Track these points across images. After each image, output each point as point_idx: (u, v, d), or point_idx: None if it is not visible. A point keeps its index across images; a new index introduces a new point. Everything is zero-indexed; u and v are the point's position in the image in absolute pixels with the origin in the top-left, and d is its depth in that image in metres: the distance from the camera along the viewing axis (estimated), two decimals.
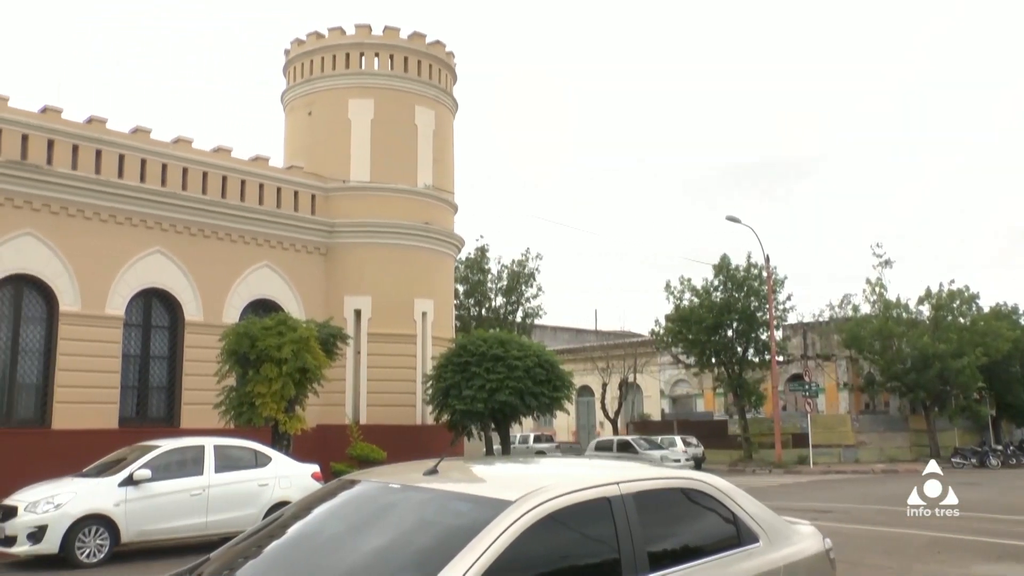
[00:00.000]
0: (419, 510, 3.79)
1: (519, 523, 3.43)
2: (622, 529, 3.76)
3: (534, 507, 3.51)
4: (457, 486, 3.96)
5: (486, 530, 3.36)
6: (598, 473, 4.30)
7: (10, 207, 19.29)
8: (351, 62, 25.84)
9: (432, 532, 3.63)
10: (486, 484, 4.08)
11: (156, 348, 21.61)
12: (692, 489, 4.34)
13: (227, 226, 22.56)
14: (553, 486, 3.72)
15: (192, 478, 13.09)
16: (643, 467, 4.70)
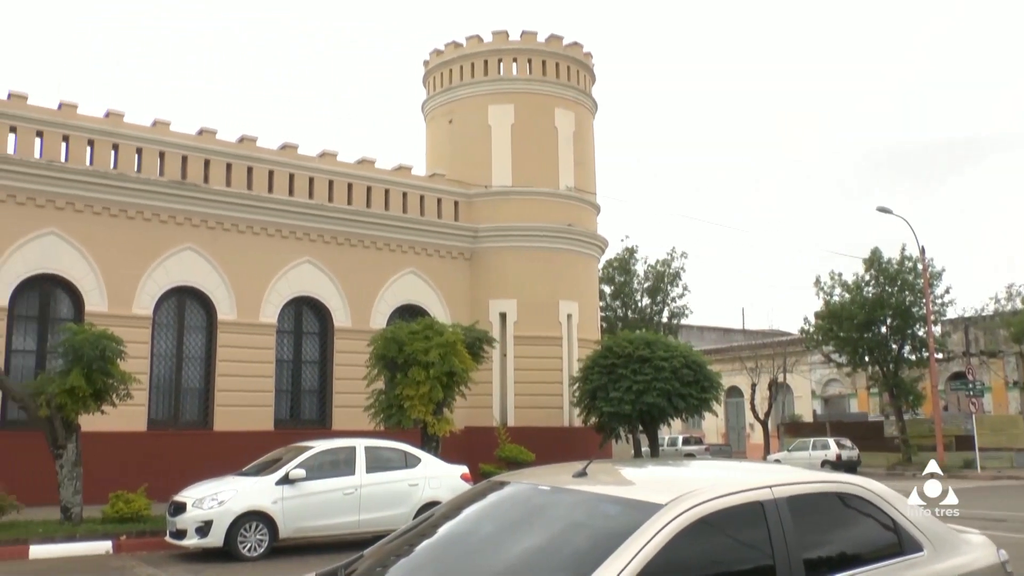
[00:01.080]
0: (569, 512, 3.74)
1: (670, 527, 3.34)
2: (776, 535, 3.61)
3: (685, 510, 3.42)
4: (607, 488, 3.89)
5: (637, 533, 3.29)
6: (750, 476, 4.14)
7: (172, 224, 20.47)
8: (489, 69, 26.11)
9: (582, 535, 3.57)
10: (636, 487, 3.99)
11: (308, 353, 22.41)
12: (849, 494, 4.09)
13: (373, 234, 23.19)
14: (704, 489, 3.60)
15: (345, 478, 13.47)
16: (796, 470, 4.50)
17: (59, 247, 19.17)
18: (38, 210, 19.03)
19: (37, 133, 19.45)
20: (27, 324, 19.13)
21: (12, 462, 16.48)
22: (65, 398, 14.03)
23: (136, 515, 14.24)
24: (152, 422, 19.76)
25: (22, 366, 18.71)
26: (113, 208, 19.80)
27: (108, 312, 19.05)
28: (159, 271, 20.16)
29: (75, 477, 14.32)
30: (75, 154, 19.77)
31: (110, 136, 20.15)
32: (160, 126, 21.01)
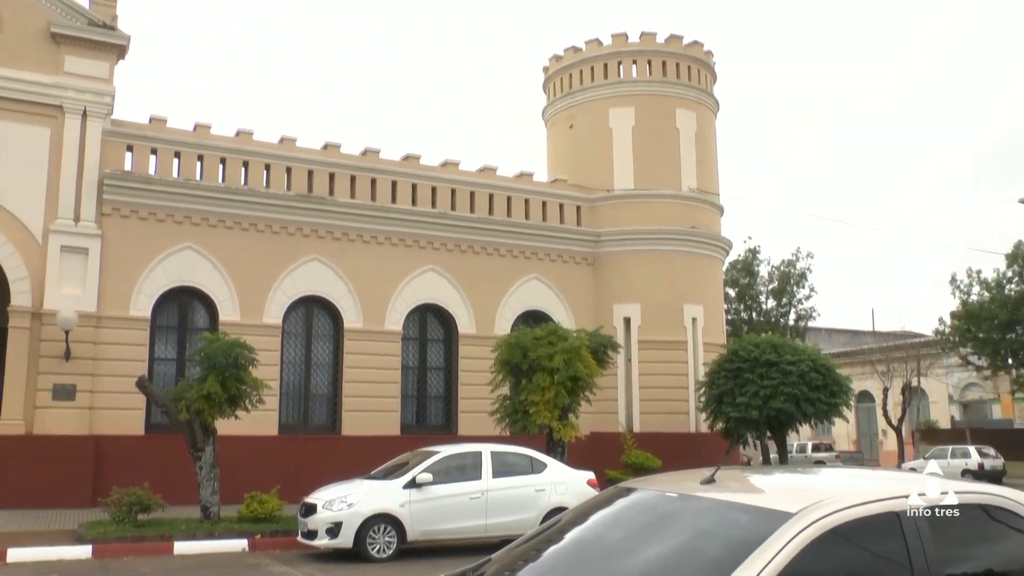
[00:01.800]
0: (697, 520, 3.65)
1: (801, 536, 3.20)
2: (914, 548, 3.39)
3: (816, 520, 3.27)
4: (735, 496, 3.77)
5: (767, 543, 3.17)
6: (885, 485, 3.90)
7: (299, 236, 21.14)
8: (609, 72, 25.98)
9: (711, 543, 3.47)
10: (765, 495, 3.86)
11: (433, 360, 22.74)
12: (996, 506, 3.78)
13: (495, 241, 23.37)
14: (836, 498, 3.42)
15: (471, 482, 13.58)
16: (936, 479, 4.26)
17: (195, 261, 20.05)
18: (176, 226, 19.97)
19: (175, 154, 20.47)
20: (168, 334, 20.07)
21: (156, 463, 17.38)
22: (202, 403, 14.65)
23: (269, 515, 14.76)
24: (283, 427, 20.42)
25: (164, 373, 19.64)
26: (244, 222, 20.60)
27: (240, 321, 19.80)
28: (287, 281, 20.84)
29: (213, 478, 14.95)
30: (209, 172, 20.68)
31: (240, 154, 20.99)
32: (287, 142, 21.76)
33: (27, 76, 19.02)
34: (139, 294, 19.43)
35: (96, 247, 19.05)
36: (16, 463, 17.68)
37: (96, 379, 18.65)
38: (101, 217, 19.35)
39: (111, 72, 19.95)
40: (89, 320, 18.61)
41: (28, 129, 18.95)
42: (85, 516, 15.89)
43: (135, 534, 13.78)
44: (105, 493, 15.27)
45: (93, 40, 19.67)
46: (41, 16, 19.35)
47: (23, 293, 18.43)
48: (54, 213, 18.89)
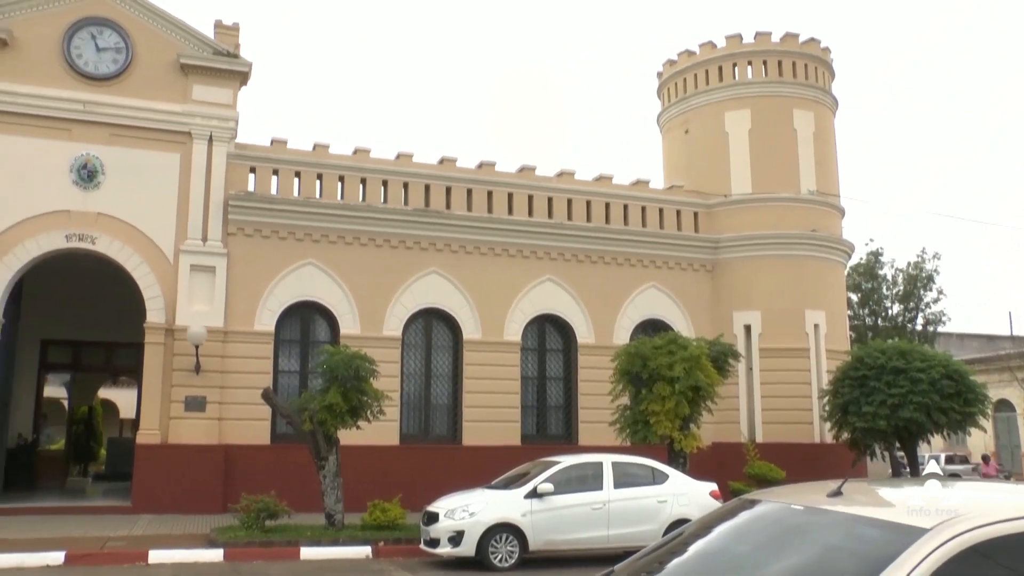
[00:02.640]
0: (824, 534, 3.49)
1: (936, 554, 2.99)
2: None
3: (952, 537, 3.05)
4: (864, 510, 3.58)
5: (899, 560, 2.98)
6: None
7: (417, 249, 21.47)
8: (724, 75, 25.51)
9: (839, 559, 3.30)
10: (896, 509, 3.64)
11: (552, 370, 22.73)
12: None
13: (613, 250, 23.22)
14: (975, 514, 3.17)
15: (592, 493, 13.50)
16: None
17: (316, 276, 20.60)
18: (297, 243, 20.58)
19: (295, 174, 21.12)
20: (291, 347, 20.68)
21: (282, 472, 17.97)
22: (325, 414, 15.02)
23: (392, 523, 15.03)
24: (404, 437, 20.73)
25: (288, 385, 20.25)
26: (363, 238, 21.06)
27: (361, 334, 20.21)
28: (406, 295, 21.18)
29: (336, 486, 15.32)
30: (328, 190, 21.25)
31: (358, 171, 21.49)
32: (403, 158, 22.16)
33: (159, 106, 19.99)
34: (263, 309, 20.09)
35: (223, 265, 19.81)
36: (154, 470, 18.60)
37: (224, 391, 19.37)
38: (227, 236, 20.11)
39: (235, 98, 20.76)
40: (217, 335, 19.34)
41: (160, 155, 19.91)
42: (216, 521, 16.54)
43: (263, 539, 14.30)
44: (234, 500, 15.91)
45: (218, 69, 20.51)
46: (171, 49, 20.30)
47: (157, 310, 19.32)
48: (184, 234, 19.76)
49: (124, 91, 19.88)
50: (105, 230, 19.29)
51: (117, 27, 20.02)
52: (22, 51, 19.44)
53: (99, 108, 19.58)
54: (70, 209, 19.20)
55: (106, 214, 19.36)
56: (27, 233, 18.86)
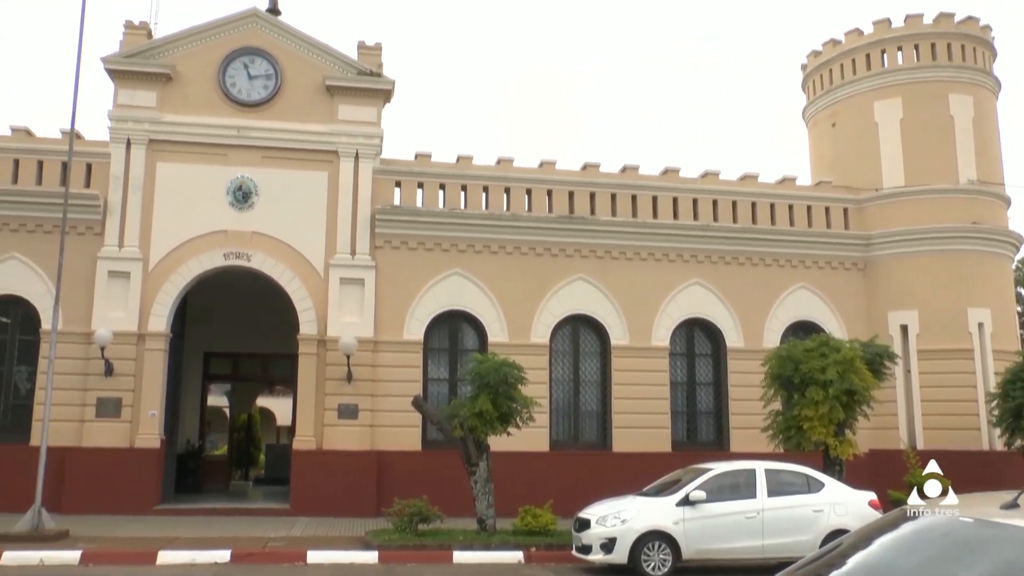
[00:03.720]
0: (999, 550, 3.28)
1: None
2: None
3: None
4: None
5: None
6: None
7: (563, 256, 21.52)
8: (872, 62, 24.40)
9: None
10: None
11: (701, 375, 22.34)
12: None
13: (760, 251, 22.63)
14: None
15: (745, 501, 13.23)
16: None
17: (463, 285, 20.95)
18: (444, 254, 20.99)
19: (440, 186, 21.55)
20: (439, 355, 21.10)
21: (433, 477, 18.39)
22: (475, 421, 15.25)
23: (543, 529, 15.11)
24: (554, 443, 20.78)
25: (437, 392, 20.68)
26: (508, 246, 21.28)
27: (508, 342, 20.46)
28: (552, 301, 21.26)
29: (487, 492, 15.52)
30: (472, 200, 21.58)
31: (502, 181, 21.74)
32: (547, 166, 22.27)
33: (307, 127, 20.87)
34: (412, 319, 20.57)
35: (371, 277, 20.42)
36: (310, 475, 19.38)
37: (376, 399, 19.93)
38: (374, 249, 20.72)
39: (379, 116, 21.41)
40: (367, 345, 19.92)
41: (309, 174, 20.78)
42: (370, 524, 17.12)
43: (416, 543, 14.66)
44: (388, 504, 16.39)
45: (362, 88, 21.21)
46: (317, 72, 21.13)
47: (309, 322, 20.09)
48: (333, 248, 20.49)
49: (274, 115, 20.87)
50: (259, 247, 20.23)
51: (267, 55, 21.07)
52: (183, 84, 20.76)
53: (252, 132, 20.65)
54: (227, 229, 20.27)
55: (260, 232, 20.33)
56: (190, 253, 20.06)
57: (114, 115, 20.46)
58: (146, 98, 20.59)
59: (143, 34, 21.20)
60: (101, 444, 19.08)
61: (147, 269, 19.96)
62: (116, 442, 19.18)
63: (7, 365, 20.00)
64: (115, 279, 19.76)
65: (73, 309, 19.32)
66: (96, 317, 19.48)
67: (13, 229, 19.90)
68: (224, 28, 21.15)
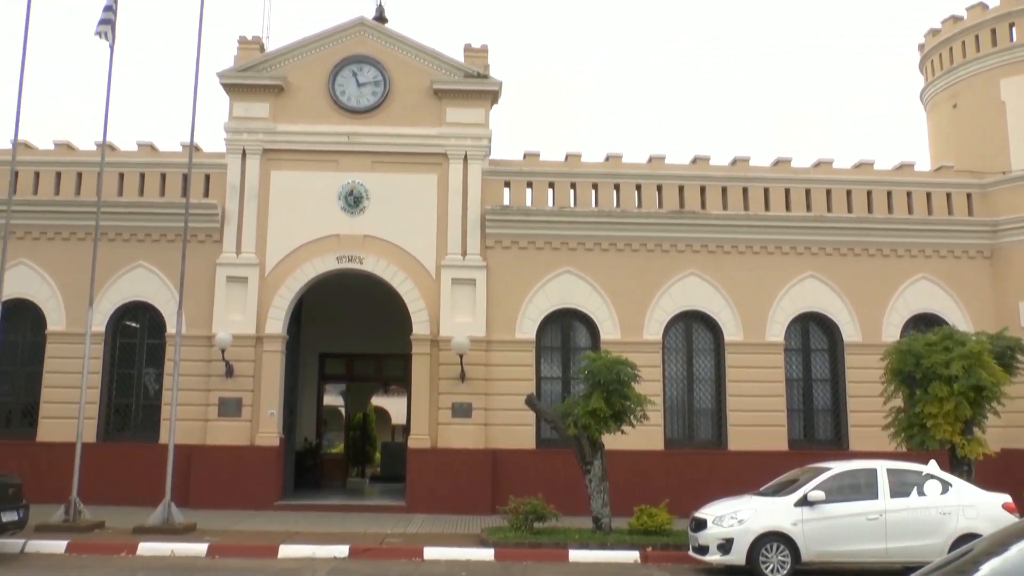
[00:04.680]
0: None
1: None
2: None
3: None
4: None
5: None
6: None
7: (674, 252, 21.26)
8: (998, 38, 23.06)
9: None
10: None
11: (817, 371, 21.73)
12: None
13: (877, 241, 21.85)
14: None
15: (866, 502, 12.83)
16: None
17: (574, 283, 20.93)
18: (554, 252, 21.01)
19: (549, 185, 21.57)
20: (552, 353, 21.12)
21: (547, 475, 18.48)
22: (588, 419, 15.22)
23: (659, 528, 14.99)
24: (668, 441, 20.56)
25: (550, 391, 20.71)
26: (619, 243, 21.15)
27: (621, 339, 20.35)
28: (665, 298, 21.03)
29: (602, 491, 15.47)
30: (582, 198, 21.51)
31: (611, 177, 21.62)
32: (655, 161, 22.03)
33: (416, 131, 21.23)
34: (523, 318, 20.66)
35: (482, 277, 20.61)
36: (425, 473, 19.71)
37: (489, 398, 20.10)
38: (485, 250, 20.89)
39: (486, 117, 21.60)
40: (480, 344, 20.10)
41: (418, 177, 21.13)
42: (486, 522, 17.23)
43: (532, 541, 14.74)
44: (503, 502, 16.56)
45: (469, 90, 21.45)
46: (425, 76, 21.45)
47: (422, 323, 20.40)
48: (444, 249, 20.78)
49: (383, 120, 21.29)
50: (371, 250, 20.66)
51: (375, 62, 21.50)
52: (295, 94, 21.45)
53: (362, 138, 21.14)
54: (340, 233, 20.79)
55: (372, 236, 20.77)
56: (304, 257, 20.67)
57: (230, 127, 21.25)
58: (260, 109, 21.31)
59: (256, 48, 21.94)
60: (223, 442, 19.88)
61: (263, 274, 20.66)
62: (237, 440, 19.93)
63: (137, 368, 21.09)
64: (233, 284, 20.53)
65: (195, 313, 20.19)
66: (216, 321, 20.30)
67: (140, 239, 20.95)
68: (333, 38, 21.68)
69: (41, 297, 20.86)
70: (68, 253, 20.88)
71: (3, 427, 20.37)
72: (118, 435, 20.66)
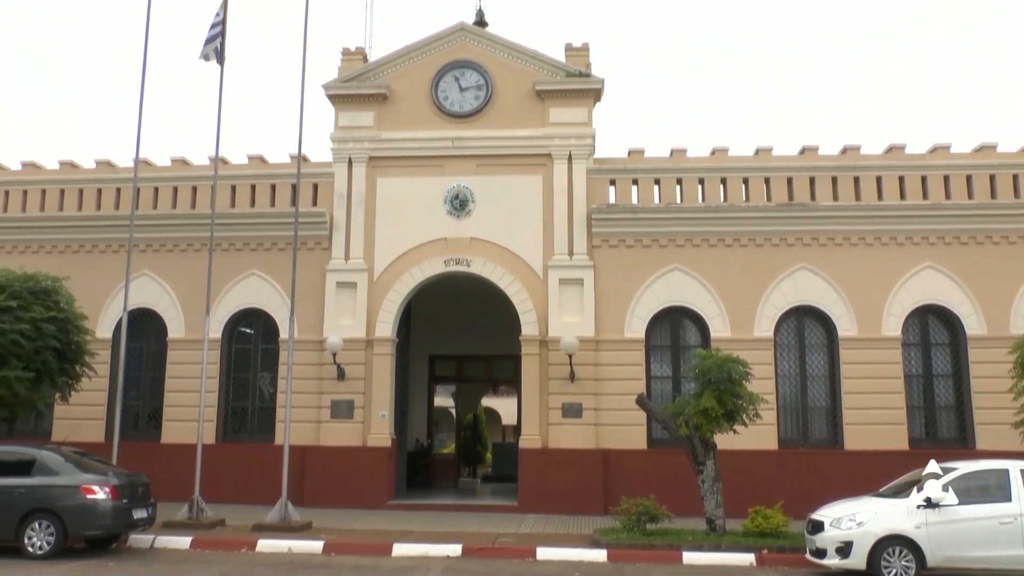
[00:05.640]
0: None
1: None
2: None
3: None
4: None
5: None
6: None
7: (784, 246, 20.71)
8: None
9: None
10: None
11: (938, 366, 20.80)
12: None
13: (1001, 228, 20.66)
14: None
15: (998, 504, 12.23)
16: None
17: (683, 281, 20.63)
18: (661, 249, 20.75)
19: (655, 181, 21.33)
20: (661, 352, 20.86)
21: (659, 476, 18.28)
22: (700, 418, 14.97)
23: (775, 531, 14.64)
24: (782, 441, 20.04)
25: (660, 390, 20.47)
26: (727, 238, 20.76)
27: (731, 337, 19.96)
28: (775, 293, 20.53)
29: (716, 492, 15.19)
30: (688, 194, 21.19)
31: (717, 172, 21.22)
32: (763, 153, 21.54)
33: (519, 133, 21.33)
34: (632, 317, 20.47)
35: (589, 277, 20.52)
36: (536, 473, 19.75)
37: (599, 397, 20.00)
38: (592, 249, 20.78)
39: (589, 115, 21.52)
40: (588, 344, 20.00)
41: (523, 179, 21.20)
42: (598, 523, 17.19)
43: (644, 542, 14.59)
44: (614, 502, 16.50)
45: (572, 90, 21.41)
46: (527, 78, 21.52)
47: (531, 324, 20.44)
48: (550, 250, 20.77)
49: (486, 124, 21.46)
50: (478, 253, 20.82)
51: (476, 66, 21.72)
52: (398, 101, 21.86)
53: (466, 142, 21.36)
54: (446, 237, 21.05)
55: (478, 238, 20.95)
56: (412, 262, 21.01)
57: (336, 136, 21.76)
58: (364, 118, 21.76)
59: (359, 59, 22.42)
60: (336, 443, 20.37)
61: (372, 279, 21.05)
62: (350, 441, 20.38)
63: (252, 372, 21.83)
64: (343, 290, 21.00)
65: (306, 319, 20.75)
66: (327, 325, 20.82)
67: (252, 248, 21.68)
68: (434, 45, 21.97)
69: (162, 306, 21.82)
70: (186, 264, 21.79)
71: (131, 430, 21.25)
72: (235, 436, 21.43)
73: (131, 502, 14.28)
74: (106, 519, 13.85)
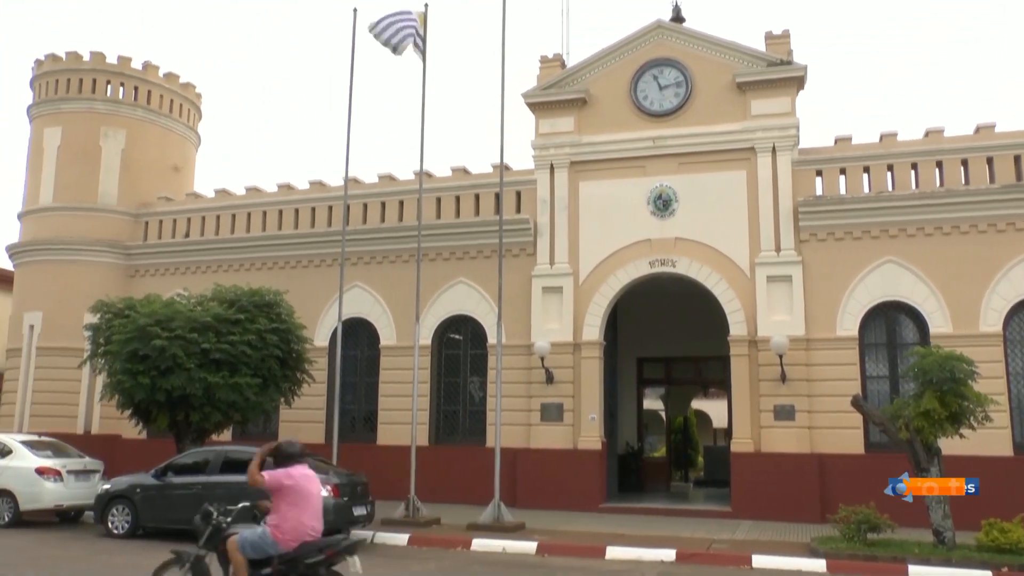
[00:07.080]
0: None
1: None
2: None
3: None
4: None
5: None
6: None
7: (1011, 231, 19.02)
8: None
9: None
10: None
11: None
12: None
13: None
14: None
15: None
16: None
17: (897, 273, 19.53)
18: (873, 241, 19.76)
19: (864, 169, 20.36)
20: (877, 351, 19.82)
21: (879, 482, 17.10)
22: (921, 421, 14.15)
23: (1014, 546, 13.41)
24: (1017, 446, 18.45)
25: (877, 391, 19.46)
26: (945, 226, 19.44)
27: (952, 333, 18.66)
28: (1003, 283, 18.95)
29: (943, 501, 14.21)
30: (900, 181, 20.08)
31: (931, 155, 19.94)
32: (984, 131, 20.00)
33: (720, 128, 20.89)
34: (843, 313, 19.62)
35: (798, 273, 19.83)
36: (749, 478, 19.28)
37: (812, 399, 19.29)
38: (799, 244, 20.08)
39: (792, 105, 20.77)
40: (799, 343, 19.34)
41: (725, 175, 20.76)
42: (814, 530, 16.62)
43: (866, 553, 13.88)
44: (831, 509, 15.87)
45: (773, 80, 20.74)
46: (726, 71, 21.06)
47: (739, 323, 20.00)
48: (756, 247, 20.24)
49: (687, 121, 21.18)
50: (683, 253, 20.60)
51: (675, 63, 21.48)
52: (597, 105, 21.99)
53: (666, 141, 21.16)
54: (650, 238, 20.96)
55: (682, 238, 20.72)
56: (616, 264, 21.09)
57: (537, 144, 22.14)
58: (564, 124, 22.03)
59: (556, 65, 22.69)
60: (547, 446, 20.70)
61: (577, 283, 21.25)
62: (560, 444, 20.64)
63: (462, 376, 22.67)
64: (549, 294, 21.32)
65: (513, 324, 21.19)
66: (534, 330, 21.23)
67: (458, 257, 22.54)
68: (631, 45, 21.91)
69: (374, 315, 23.05)
70: (395, 274, 22.92)
71: (349, 432, 22.47)
72: (447, 439, 22.28)
73: (351, 500, 15.23)
74: (328, 515, 14.65)
